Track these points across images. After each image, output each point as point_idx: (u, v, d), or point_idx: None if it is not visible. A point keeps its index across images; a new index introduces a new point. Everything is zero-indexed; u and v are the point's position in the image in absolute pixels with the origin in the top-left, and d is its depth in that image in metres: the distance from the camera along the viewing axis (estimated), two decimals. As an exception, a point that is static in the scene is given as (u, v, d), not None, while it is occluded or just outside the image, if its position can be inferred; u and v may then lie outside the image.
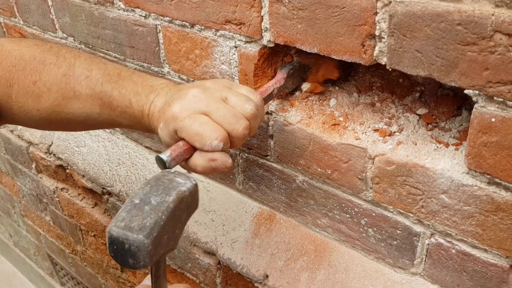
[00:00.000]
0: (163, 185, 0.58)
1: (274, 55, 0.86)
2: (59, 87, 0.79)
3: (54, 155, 1.51)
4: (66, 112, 0.80)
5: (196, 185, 0.61)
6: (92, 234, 1.62)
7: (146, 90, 0.74)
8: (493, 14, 0.53)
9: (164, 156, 0.66)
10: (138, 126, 0.77)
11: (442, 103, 0.77)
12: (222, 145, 0.66)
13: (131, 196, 0.57)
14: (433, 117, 0.78)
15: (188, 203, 0.59)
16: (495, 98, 0.58)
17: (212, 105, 0.67)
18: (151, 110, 0.72)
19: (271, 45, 0.80)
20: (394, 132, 0.78)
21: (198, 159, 0.67)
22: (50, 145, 1.52)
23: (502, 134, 0.60)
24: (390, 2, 0.61)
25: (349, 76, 0.90)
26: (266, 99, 0.80)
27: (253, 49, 0.82)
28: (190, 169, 0.70)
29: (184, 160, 0.68)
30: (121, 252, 0.53)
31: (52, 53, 0.81)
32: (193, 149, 0.67)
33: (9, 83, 0.80)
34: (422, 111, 0.78)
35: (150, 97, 0.73)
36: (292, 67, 0.84)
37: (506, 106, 0.58)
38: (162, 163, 0.67)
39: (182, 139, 0.68)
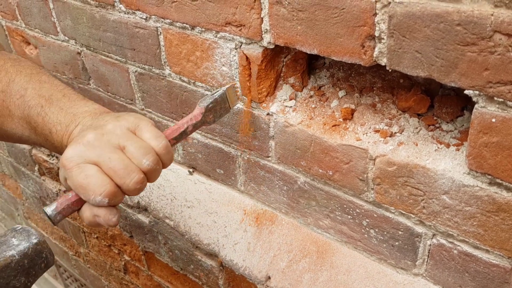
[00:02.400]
0: None
1: (276, 57, 0.86)
2: None
3: (56, 157, 1.52)
4: (4, 129, 0.79)
5: (37, 243, 0.55)
6: (95, 236, 1.62)
7: (67, 119, 0.71)
8: (492, 14, 0.53)
9: (49, 209, 0.62)
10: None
11: (446, 103, 0.76)
12: (106, 200, 0.61)
13: None
14: (435, 118, 0.78)
15: (23, 266, 0.54)
16: (495, 98, 0.58)
17: (104, 154, 0.62)
18: (69, 142, 0.69)
19: (271, 46, 0.80)
20: (395, 132, 0.77)
21: (85, 212, 0.63)
22: (52, 148, 1.52)
23: (503, 135, 0.60)
24: (390, 3, 0.61)
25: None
26: (178, 138, 0.73)
27: (256, 50, 0.82)
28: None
29: (74, 211, 0.64)
30: None
31: None
32: (82, 200, 0.63)
33: None
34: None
35: (70, 127, 0.70)
36: (213, 100, 0.76)
37: (506, 106, 0.58)
38: (47, 216, 0.63)
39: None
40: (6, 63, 0.81)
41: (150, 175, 0.64)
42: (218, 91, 0.78)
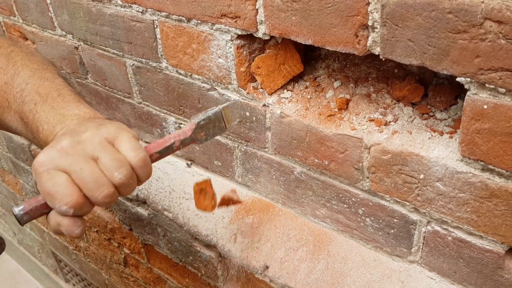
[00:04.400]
0: None
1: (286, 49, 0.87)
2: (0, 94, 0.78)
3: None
4: (3, 120, 0.80)
5: None
6: (95, 230, 1.63)
7: (56, 119, 0.70)
8: (482, 2, 0.54)
9: (17, 209, 0.62)
10: None
11: (440, 92, 0.77)
12: (71, 211, 0.59)
13: None
14: (429, 107, 0.78)
15: None
16: (486, 85, 0.59)
17: (76, 164, 0.60)
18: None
19: (267, 37, 0.81)
20: (390, 121, 0.78)
21: (51, 219, 0.62)
22: (51, 142, 1.53)
23: (494, 121, 0.61)
24: (382, -8, 0.62)
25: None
26: (163, 152, 0.69)
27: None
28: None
29: (43, 214, 0.63)
30: None
31: (6, 57, 0.81)
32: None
33: None
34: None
35: (56, 128, 0.69)
36: (205, 117, 0.72)
37: (497, 92, 0.59)
38: (14, 216, 0.63)
39: None
40: (17, 56, 0.81)
41: (122, 189, 0.62)
42: (214, 108, 0.74)
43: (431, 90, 0.78)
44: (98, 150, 0.61)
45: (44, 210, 0.62)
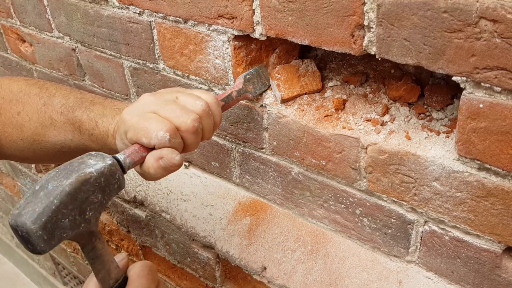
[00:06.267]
0: (68, 169, 0.57)
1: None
2: (38, 116, 0.83)
3: (53, 154, 1.52)
4: (45, 141, 0.84)
5: (111, 165, 0.60)
6: (93, 232, 1.63)
7: (113, 112, 0.76)
8: (477, 1, 0.54)
9: (119, 156, 0.65)
10: (106, 149, 0.77)
11: (436, 92, 0.77)
12: (168, 136, 0.64)
13: (35, 183, 0.57)
14: (425, 106, 0.79)
15: (100, 183, 0.58)
16: (482, 84, 0.59)
17: (160, 103, 0.67)
18: (115, 130, 0.72)
19: (263, 38, 0.81)
20: (386, 121, 0.78)
21: (148, 160, 0.66)
22: (49, 145, 1.53)
23: (490, 120, 0.61)
24: (378, -9, 0.62)
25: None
26: (225, 99, 0.81)
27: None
28: (146, 175, 0.68)
29: (141, 158, 0.66)
30: (20, 239, 0.54)
31: (37, 86, 0.87)
32: (146, 149, 0.66)
33: None
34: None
35: (116, 118, 0.74)
36: (248, 73, 0.87)
37: (493, 91, 0.59)
38: (118, 163, 0.64)
39: (135, 143, 0.67)
40: (46, 83, 0.88)
41: (204, 120, 0.69)
42: (252, 68, 0.89)
43: (428, 90, 0.78)
44: (175, 93, 0.71)
45: (142, 153, 0.66)
